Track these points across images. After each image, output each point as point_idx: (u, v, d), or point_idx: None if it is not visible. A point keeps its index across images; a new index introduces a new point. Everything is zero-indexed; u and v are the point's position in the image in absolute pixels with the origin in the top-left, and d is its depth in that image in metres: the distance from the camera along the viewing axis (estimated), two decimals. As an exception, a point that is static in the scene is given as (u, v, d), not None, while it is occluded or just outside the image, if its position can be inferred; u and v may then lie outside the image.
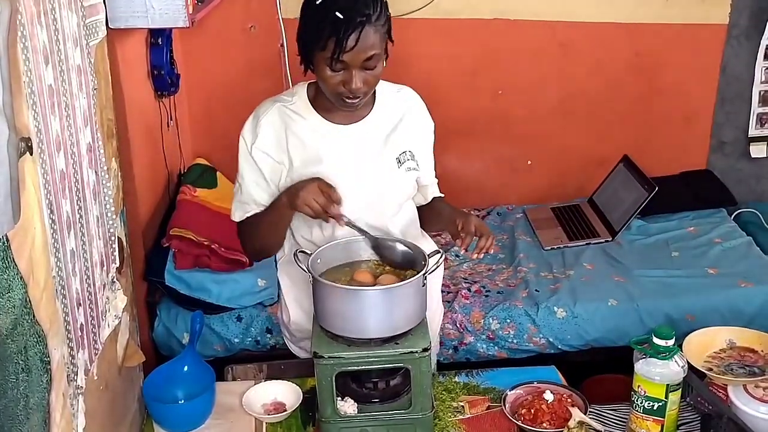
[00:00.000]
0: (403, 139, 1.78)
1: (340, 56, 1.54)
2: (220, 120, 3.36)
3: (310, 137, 1.72)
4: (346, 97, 1.62)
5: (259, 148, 1.74)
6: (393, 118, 1.78)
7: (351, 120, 1.74)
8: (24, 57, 1.12)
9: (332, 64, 1.57)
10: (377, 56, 1.59)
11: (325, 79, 1.60)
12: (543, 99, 3.44)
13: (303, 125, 1.72)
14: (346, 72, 1.58)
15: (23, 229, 1.10)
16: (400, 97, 1.81)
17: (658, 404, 1.58)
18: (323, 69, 1.59)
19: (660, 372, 1.58)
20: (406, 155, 1.77)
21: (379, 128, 1.76)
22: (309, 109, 1.73)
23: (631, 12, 3.32)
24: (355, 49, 1.54)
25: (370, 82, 1.62)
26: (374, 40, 1.57)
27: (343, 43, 1.53)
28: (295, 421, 1.77)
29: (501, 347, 2.66)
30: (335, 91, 1.62)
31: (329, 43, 1.54)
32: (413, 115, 1.81)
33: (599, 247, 3.08)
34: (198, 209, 2.80)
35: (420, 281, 1.59)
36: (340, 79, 1.59)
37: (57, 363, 1.23)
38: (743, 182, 3.55)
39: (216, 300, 2.60)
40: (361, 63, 1.57)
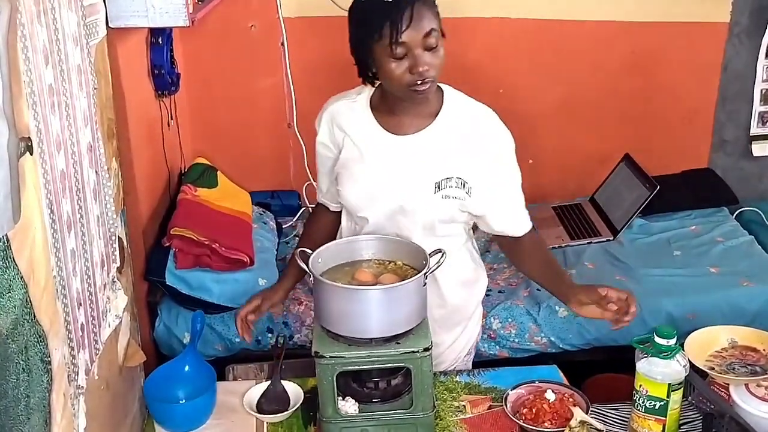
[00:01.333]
0: (454, 164, 1.69)
1: (399, 37, 1.53)
2: (221, 119, 3.36)
3: (360, 137, 1.73)
4: (416, 84, 1.58)
5: (320, 141, 1.81)
6: (451, 138, 1.70)
7: (403, 131, 1.71)
8: (24, 57, 1.12)
9: (393, 50, 1.54)
10: (435, 32, 1.57)
11: (390, 72, 1.58)
12: (544, 98, 3.44)
13: (356, 124, 1.74)
14: (409, 57, 1.56)
15: (23, 229, 1.10)
16: (469, 113, 1.73)
17: (659, 404, 1.58)
18: (386, 62, 1.57)
19: (662, 371, 1.58)
20: (451, 182, 1.69)
21: (429, 145, 1.70)
22: (366, 109, 1.73)
23: (632, 10, 3.31)
24: (412, 26, 1.53)
25: (435, 63, 1.58)
26: (429, 15, 1.57)
27: (398, 24, 1.52)
28: (296, 420, 1.77)
29: (502, 347, 2.65)
30: (403, 82, 1.58)
31: (384, 29, 1.54)
32: (481, 139, 1.71)
33: (601, 246, 3.07)
34: (199, 209, 2.80)
35: (421, 281, 1.59)
36: (405, 67, 1.57)
37: (58, 363, 1.23)
38: (745, 181, 3.54)
39: (217, 299, 2.60)
40: (421, 41, 1.55)
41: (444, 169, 1.69)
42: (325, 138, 1.79)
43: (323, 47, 3.15)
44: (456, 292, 1.88)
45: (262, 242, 2.86)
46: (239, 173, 3.28)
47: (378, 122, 1.72)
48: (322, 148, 1.81)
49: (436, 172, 1.69)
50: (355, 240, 1.75)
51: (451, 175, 1.69)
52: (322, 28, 3.16)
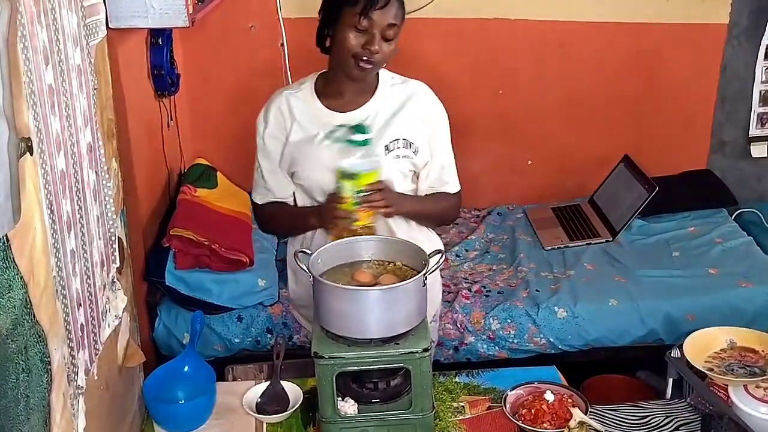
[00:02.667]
0: (398, 128, 1.82)
1: (370, 13, 1.66)
2: (221, 120, 3.36)
3: (308, 120, 1.83)
4: (362, 60, 1.71)
5: (269, 134, 1.86)
6: (391, 107, 1.83)
7: (347, 108, 1.82)
8: (24, 57, 1.12)
9: (359, 20, 1.67)
10: (397, 29, 1.72)
11: (346, 39, 1.70)
12: (543, 99, 3.44)
13: (303, 110, 1.84)
14: (368, 35, 1.69)
15: (23, 229, 1.10)
16: (403, 89, 1.86)
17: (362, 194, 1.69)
18: (348, 28, 1.69)
19: (364, 162, 1.69)
20: (398, 143, 1.81)
21: (374, 116, 1.82)
22: (312, 97, 1.84)
23: (631, 11, 3.31)
24: (384, 10, 1.68)
25: (385, 52, 1.72)
26: (398, 12, 1.71)
27: (375, 1, 1.66)
28: (296, 421, 1.77)
29: (501, 347, 2.66)
30: (353, 52, 1.70)
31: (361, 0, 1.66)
32: (415, 105, 1.85)
33: (600, 247, 3.08)
34: (198, 209, 2.80)
35: (420, 281, 1.59)
36: (360, 41, 1.70)
37: (57, 363, 1.23)
38: (744, 182, 3.54)
39: (216, 300, 2.60)
40: (384, 27, 1.69)
41: (389, 133, 1.81)
42: (272, 129, 1.85)
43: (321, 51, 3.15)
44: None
45: (262, 243, 2.87)
46: (239, 173, 3.28)
47: (324, 105, 1.84)
48: (270, 141, 1.86)
49: (384, 136, 1.81)
50: (354, 240, 1.75)
51: (397, 137, 1.82)
52: (322, 28, 3.16)
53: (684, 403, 1.84)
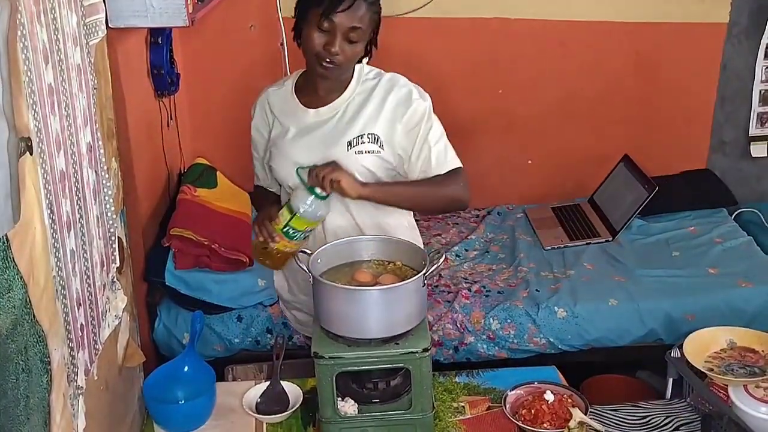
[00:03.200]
0: (364, 123, 1.81)
1: (330, 15, 1.67)
2: (220, 119, 3.36)
3: (285, 116, 1.88)
4: (324, 60, 1.72)
5: (254, 126, 1.96)
6: (360, 103, 1.83)
7: (319, 103, 1.85)
8: (24, 56, 1.12)
9: (321, 21, 1.68)
10: (362, 32, 1.72)
11: (311, 38, 1.71)
12: (543, 98, 3.44)
13: (282, 105, 1.89)
14: (330, 35, 1.70)
15: (23, 229, 1.10)
16: (375, 83, 1.84)
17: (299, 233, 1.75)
18: (311, 28, 1.71)
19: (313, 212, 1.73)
20: (363, 138, 1.80)
21: (342, 112, 1.83)
22: (291, 93, 1.89)
23: (631, 11, 3.31)
24: (347, 12, 1.67)
25: (347, 54, 1.73)
26: (365, 15, 1.71)
27: (337, 3, 1.66)
28: (296, 421, 1.77)
29: (501, 347, 2.65)
30: (315, 51, 1.72)
31: (325, 1, 1.67)
32: (385, 98, 1.82)
33: (600, 246, 3.08)
34: (198, 209, 2.79)
35: (420, 281, 1.59)
36: (322, 41, 1.71)
37: (57, 363, 1.23)
38: (744, 182, 3.54)
39: (216, 300, 2.60)
40: (346, 30, 1.69)
41: (354, 129, 1.82)
42: (258, 122, 1.94)
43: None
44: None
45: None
46: (239, 173, 3.27)
47: (299, 100, 1.87)
48: (255, 133, 1.96)
49: (348, 132, 1.82)
50: (354, 240, 1.75)
51: (363, 132, 1.81)
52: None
53: (684, 403, 1.84)
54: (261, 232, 1.77)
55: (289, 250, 1.77)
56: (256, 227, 1.79)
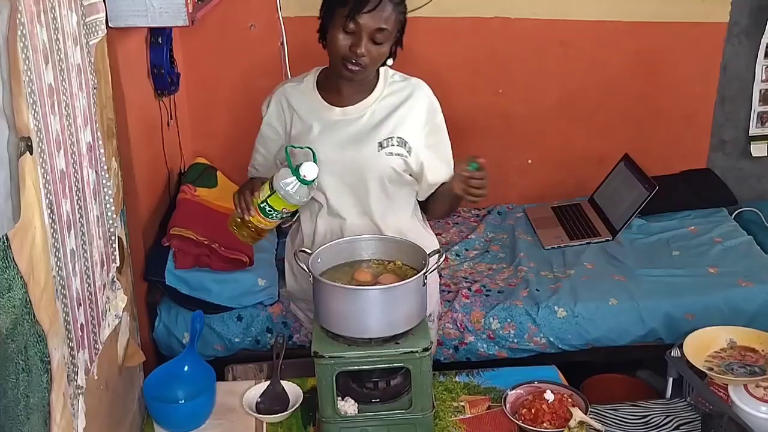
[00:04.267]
0: (396, 127, 1.82)
1: (357, 15, 1.67)
2: (221, 119, 3.36)
3: (307, 113, 1.85)
4: (349, 62, 1.71)
5: (266, 121, 1.92)
6: (388, 105, 1.84)
7: (346, 103, 1.84)
8: (24, 56, 1.12)
9: (346, 23, 1.68)
10: (387, 33, 1.71)
11: (336, 40, 1.71)
12: (543, 97, 3.44)
13: (303, 102, 1.86)
14: (355, 36, 1.69)
15: (23, 229, 1.10)
16: (404, 86, 1.86)
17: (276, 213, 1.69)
18: (337, 29, 1.71)
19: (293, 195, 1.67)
20: (392, 141, 1.81)
21: (371, 113, 1.83)
22: (313, 89, 1.87)
23: (631, 10, 3.31)
24: (372, 13, 1.67)
25: (373, 55, 1.72)
26: (390, 16, 1.70)
27: (362, 4, 1.66)
28: (296, 421, 1.77)
29: (501, 347, 2.65)
30: (341, 53, 1.72)
31: (350, 2, 1.67)
32: (414, 104, 1.84)
33: (600, 246, 3.08)
34: (198, 208, 2.79)
35: (420, 281, 1.59)
36: (348, 42, 1.70)
37: (57, 363, 1.23)
38: (744, 181, 3.54)
39: (216, 300, 2.60)
40: (372, 31, 1.69)
41: (384, 130, 1.82)
42: (272, 118, 1.90)
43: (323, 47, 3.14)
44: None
45: (261, 242, 2.83)
46: (239, 173, 3.26)
47: (323, 98, 1.85)
48: (266, 129, 1.92)
49: (378, 133, 1.82)
50: (354, 240, 1.75)
51: (392, 135, 1.82)
52: (321, 27, 3.16)
53: (684, 402, 1.84)
54: (239, 203, 1.72)
55: (262, 227, 1.74)
56: (234, 196, 1.75)
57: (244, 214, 1.71)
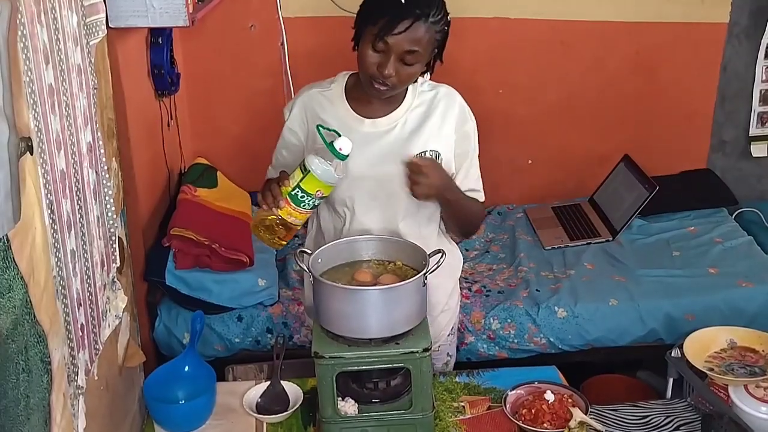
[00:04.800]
0: (426, 140, 1.76)
1: (385, 37, 1.59)
2: (221, 119, 3.36)
3: (333, 123, 1.75)
4: (376, 81, 1.65)
5: (289, 127, 1.82)
6: (419, 116, 1.77)
7: (375, 114, 1.76)
8: (24, 56, 1.12)
9: (375, 42, 1.61)
10: (419, 55, 1.64)
11: (364, 56, 1.64)
12: (543, 98, 3.44)
13: (330, 111, 1.77)
14: (384, 56, 1.62)
15: (23, 229, 1.10)
16: (433, 95, 1.80)
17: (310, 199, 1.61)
18: (366, 46, 1.64)
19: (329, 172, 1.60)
20: (425, 155, 1.74)
21: (402, 125, 1.76)
22: (341, 97, 1.78)
23: (631, 11, 3.31)
24: (401, 36, 1.59)
25: (402, 76, 1.65)
26: (423, 38, 1.62)
27: (392, 25, 1.59)
28: (296, 421, 1.77)
29: (501, 347, 2.65)
30: (368, 72, 1.65)
31: (381, 20, 1.60)
32: (447, 114, 1.79)
33: (600, 246, 3.08)
34: (198, 209, 2.79)
35: (420, 281, 1.59)
36: (376, 61, 1.63)
37: (57, 363, 1.23)
38: (744, 181, 3.54)
39: (216, 300, 2.60)
40: (401, 53, 1.62)
41: (417, 144, 1.75)
42: (295, 124, 1.81)
43: (323, 47, 3.15)
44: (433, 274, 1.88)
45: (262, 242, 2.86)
46: (239, 173, 3.28)
47: (351, 107, 1.77)
48: (288, 133, 1.83)
49: (410, 147, 1.75)
50: (354, 240, 1.75)
51: (425, 148, 1.75)
52: (322, 28, 3.15)
53: (684, 403, 1.84)
54: (265, 197, 1.62)
55: (291, 221, 1.63)
56: (260, 194, 1.65)
57: (273, 207, 1.60)
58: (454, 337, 2.07)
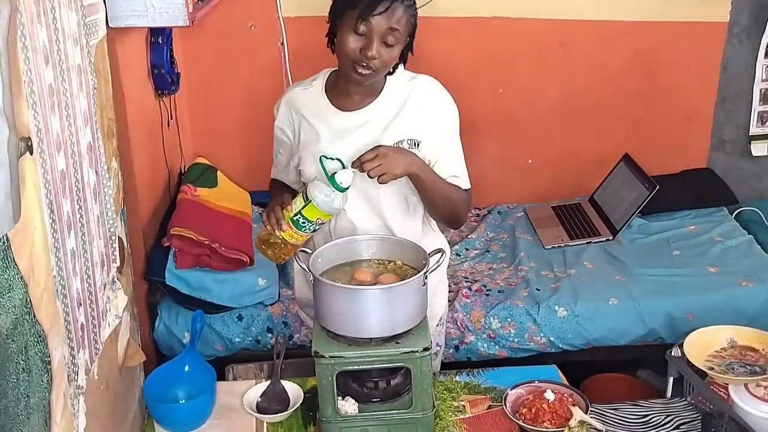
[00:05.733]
0: (404, 128, 1.77)
1: (368, 16, 1.62)
2: (221, 119, 3.36)
3: (315, 118, 1.80)
4: (360, 65, 1.66)
5: (277, 125, 1.88)
6: (397, 105, 1.78)
7: (354, 107, 1.78)
8: (24, 56, 1.12)
9: (357, 24, 1.63)
10: (398, 35, 1.67)
11: (345, 42, 1.66)
12: (543, 97, 3.44)
13: (312, 107, 1.81)
14: (366, 39, 1.65)
15: (23, 229, 1.10)
16: (410, 85, 1.81)
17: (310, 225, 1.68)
18: (347, 31, 1.65)
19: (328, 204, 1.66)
20: (402, 144, 1.75)
21: (379, 116, 1.78)
22: (321, 94, 1.81)
23: (631, 10, 3.31)
24: (383, 15, 1.63)
25: (384, 58, 1.67)
26: (402, 18, 1.67)
27: (373, 6, 1.62)
28: (296, 420, 1.77)
29: (502, 346, 2.66)
30: (351, 56, 1.67)
31: (361, 2, 1.63)
32: (422, 102, 1.79)
33: (600, 245, 3.08)
34: (198, 208, 2.80)
35: (420, 281, 1.59)
36: (358, 45, 1.65)
37: (57, 363, 1.23)
38: (744, 180, 3.54)
39: (216, 299, 2.60)
40: (384, 32, 1.65)
41: (393, 134, 1.76)
42: (282, 123, 1.86)
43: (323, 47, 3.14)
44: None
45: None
46: (239, 173, 3.28)
47: (330, 102, 1.80)
48: (279, 132, 1.88)
49: (387, 138, 1.76)
50: (354, 240, 1.75)
51: (402, 137, 1.76)
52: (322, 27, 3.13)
53: (684, 402, 1.84)
54: (269, 219, 1.68)
55: (293, 242, 1.70)
56: (264, 214, 1.72)
57: (276, 230, 1.67)
58: (443, 327, 2.09)
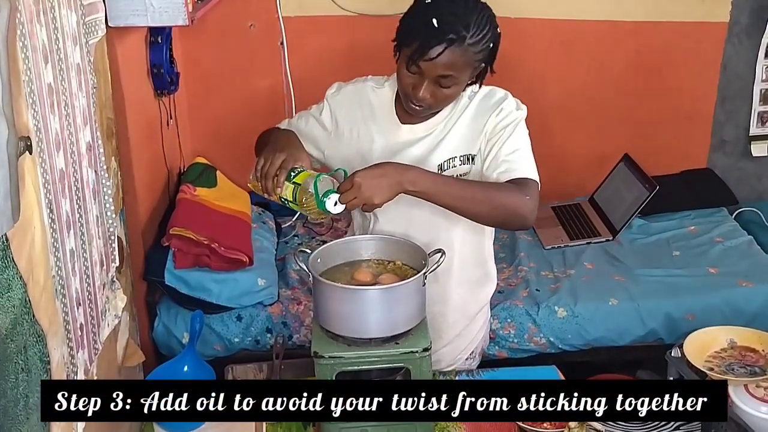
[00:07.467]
0: (458, 144, 1.72)
1: (417, 61, 1.56)
2: (220, 118, 3.36)
3: (374, 122, 1.76)
4: (411, 101, 1.64)
5: (329, 102, 1.80)
6: (453, 120, 1.73)
7: (412, 120, 1.73)
8: (23, 56, 1.12)
9: (408, 64, 1.58)
10: (454, 79, 1.59)
11: (400, 76, 1.63)
12: (544, 98, 3.43)
13: (378, 110, 1.76)
14: (418, 78, 1.60)
15: (23, 229, 1.10)
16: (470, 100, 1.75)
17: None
18: (401, 66, 1.61)
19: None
20: (455, 161, 1.71)
21: (434, 132, 1.73)
22: (390, 101, 1.76)
23: (631, 10, 3.31)
24: (434, 62, 1.55)
25: (438, 98, 1.63)
26: (458, 62, 1.56)
27: (424, 51, 1.54)
28: (296, 420, 1.76)
29: (501, 347, 2.65)
30: (404, 91, 1.64)
31: (414, 44, 1.55)
32: (476, 115, 1.73)
33: (600, 246, 3.07)
34: (198, 208, 2.79)
35: (420, 281, 1.59)
36: (411, 81, 1.61)
37: (57, 363, 1.23)
38: (744, 181, 3.54)
39: (216, 299, 2.59)
40: (436, 77, 1.58)
41: (446, 150, 1.71)
42: (337, 106, 1.79)
43: (323, 47, 3.15)
44: (455, 289, 1.88)
45: (261, 242, 2.86)
46: (238, 173, 3.27)
47: (396, 111, 1.75)
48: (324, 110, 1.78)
49: (439, 154, 1.71)
50: (354, 240, 1.75)
51: (455, 154, 1.71)
52: (321, 27, 3.15)
53: (684, 402, 1.84)
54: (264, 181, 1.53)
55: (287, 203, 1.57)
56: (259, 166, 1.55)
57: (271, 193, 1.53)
58: (473, 361, 2.03)
